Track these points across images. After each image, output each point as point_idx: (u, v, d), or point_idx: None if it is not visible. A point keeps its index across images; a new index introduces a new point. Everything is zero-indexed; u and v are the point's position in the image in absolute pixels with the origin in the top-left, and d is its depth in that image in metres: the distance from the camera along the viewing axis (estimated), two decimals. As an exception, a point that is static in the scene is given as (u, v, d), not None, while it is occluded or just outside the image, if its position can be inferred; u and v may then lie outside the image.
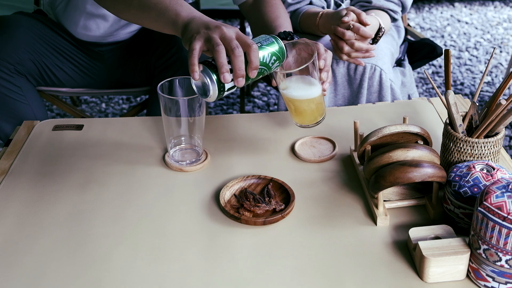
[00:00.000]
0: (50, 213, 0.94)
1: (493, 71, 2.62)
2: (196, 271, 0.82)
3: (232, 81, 0.89)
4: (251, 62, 0.89)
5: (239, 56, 0.87)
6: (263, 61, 0.93)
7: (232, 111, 2.34)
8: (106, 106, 2.40)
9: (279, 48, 0.95)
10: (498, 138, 0.90)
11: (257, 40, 0.94)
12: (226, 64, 0.87)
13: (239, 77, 0.88)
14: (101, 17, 1.42)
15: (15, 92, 1.37)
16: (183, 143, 1.06)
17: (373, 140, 0.94)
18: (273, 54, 0.94)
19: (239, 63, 0.87)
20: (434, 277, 0.78)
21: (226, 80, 0.87)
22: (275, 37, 0.96)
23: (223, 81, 0.87)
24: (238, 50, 0.87)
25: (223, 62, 0.87)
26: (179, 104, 0.98)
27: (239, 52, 0.87)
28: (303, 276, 0.80)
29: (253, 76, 0.90)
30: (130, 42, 1.52)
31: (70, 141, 1.14)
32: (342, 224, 0.90)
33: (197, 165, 1.04)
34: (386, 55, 1.41)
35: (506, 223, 0.70)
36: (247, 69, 0.89)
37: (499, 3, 3.44)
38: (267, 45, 0.94)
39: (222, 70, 0.86)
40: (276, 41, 0.95)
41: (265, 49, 0.93)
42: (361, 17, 1.26)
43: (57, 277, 0.81)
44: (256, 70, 0.90)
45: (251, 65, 0.89)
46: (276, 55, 0.94)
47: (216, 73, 0.88)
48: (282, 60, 0.96)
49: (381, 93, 1.38)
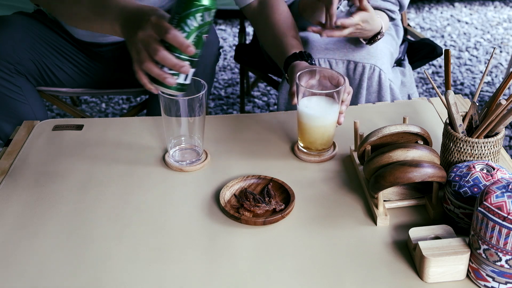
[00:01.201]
0: (50, 213, 0.94)
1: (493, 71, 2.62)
2: (196, 271, 0.82)
3: (181, 75, 0.89)
4: (179, 48, 0.86)
5: (163, 60, 0.86)
6: (193, 28, 0.87)
7: (232, 111, 2.34)
8: (106, 106, 2.40)
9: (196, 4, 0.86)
10: (498, 138, 0.90)
11: (174, 12, 0.88)
12: (160, 73, 0.87)
13: (179, 70, 0.87)
14: None
15: (15, 92, 1.36)
16: (183, 143, 1.06)
17: (373, 140, 0.94)
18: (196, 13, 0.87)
19: (168, 63, 0.86)
20: (434, 277, 0.78)
21: (171, 83, 0.88)
22: None
23: (170, 85, 0.88)
24: (158, 55, 0.86)
25: (156, 74, 0.87)
26: (179, 104, 0.98)
27: (160, 56, 0.86)
28: (303, 276, 0.80)
29: (192, 52, 0.87)
30: None
31: (70, 141, 1.14)
32: (342, 224, 0.90)
33: (197, 165, 1.04)
34: (385, 55, 1.41)
35: (506, 223, 0.70)
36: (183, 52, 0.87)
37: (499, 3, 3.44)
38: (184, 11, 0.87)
39: (161, 79, 0.88)
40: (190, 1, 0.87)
41: (186, 16, 0.87)
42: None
43: (57, 277, 0.81)
44: (189, 47, 0.86)
45: (181, 49, 0.86)
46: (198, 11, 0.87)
47: (161, 83, 0.89)
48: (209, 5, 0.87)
49: (380, 93, 1.38)
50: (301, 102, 1.02)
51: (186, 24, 0.87)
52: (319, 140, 1.04)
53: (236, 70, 2.67)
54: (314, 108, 1.01)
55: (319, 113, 1.01)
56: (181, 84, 0.90)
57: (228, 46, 2.93)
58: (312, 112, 1.01)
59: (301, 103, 1.02)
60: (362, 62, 1.37)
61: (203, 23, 0.88)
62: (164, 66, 0.87)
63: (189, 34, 0.87)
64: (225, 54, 2.83)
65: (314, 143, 1.04)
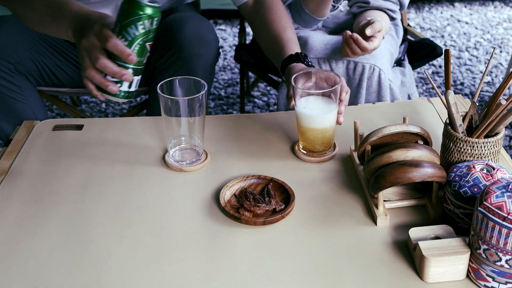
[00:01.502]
0: (50, 213, 0.94)
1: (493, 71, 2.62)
2: (196, 271, 0.82)
3: (125, 82, 0.91)
4: (120, 56, 0.88)
5: (104, 68, 0.89)
6: (135, 36, 0.88)
7: (232, 111, 2.34)
8: (106, 106, 2.40)
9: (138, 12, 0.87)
10: (498, 138, 0.90)
11: (117, 20, 0.89)
12: (102, 81, 0.90)
13: (121, 77, 0.90)
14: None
15: (15, 91, 1.36)
16: (183, 143, 1.06)
17: (373, 140, 0.94)
18: (138, 21, 0.87)
19: (109, 71, 0.89)
20: (434, 277, 0.78)
21: (113, 91, 0.91)
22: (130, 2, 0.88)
23: (114, 93, 0.91)
24: (99, 63, 0.88)
25: (99, 82, 0.90)
26: (179, 104, 0.98)
27: (101, 65, 0.88)
28: (303, 276, 0.80)
29: (134, 60, 0.89)
30: None
31: (70, 141, 1.14)
32: (342, 224, 0.90)
33: (197, 165, 1.04)
34: (385, 55, 1.41)
35: (506, 223, 0.70)
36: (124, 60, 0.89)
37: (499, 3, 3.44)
38: (125, 19, 0.88)
39: (103, 87, 0.91)
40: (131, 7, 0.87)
41: (128, 24, 0.88)
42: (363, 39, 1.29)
43: (57, 277, 0.81)
44: (131, 56, 0.88)
45: (122, 57, 0.88)
46: (141, 19, 0.88)
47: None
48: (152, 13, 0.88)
49: (380, 93, 1.38)
50: (299, 103, 1.02)
51: (127, 33, 0.88)
52: (319, 141, 1.04)
53: (236, 70, 2.67)
54: (312, 108, 1.01)
55: (317, 113, 1.01)
56: (126, 91, 0.92)
57: (228, 46, 2.93)
58: (310, 113, 1.01)
59: (299, 104, 1.02)
60: (362, 62, 1.37)
61: (145, 31, 0.89)
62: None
63: (131, 43, 0.88)
64: (225, 54, 2.83)
65: (314, 143, 1.04)
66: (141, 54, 0.90)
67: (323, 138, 1.04)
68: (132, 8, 0.87)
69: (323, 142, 1.04)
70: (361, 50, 1.29)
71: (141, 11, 0.87)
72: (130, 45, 0.89)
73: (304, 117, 1.02)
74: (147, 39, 0.90)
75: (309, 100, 1.02)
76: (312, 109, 1.01)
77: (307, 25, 1.51)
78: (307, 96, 1.02)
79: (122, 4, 0.88)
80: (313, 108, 1.01)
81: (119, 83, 0.91)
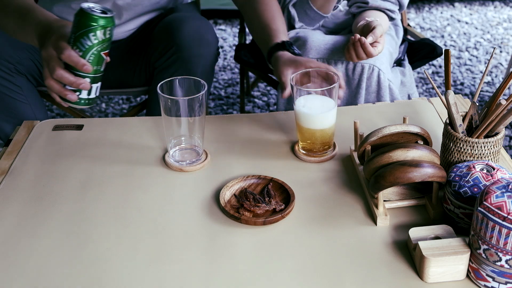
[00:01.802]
0: (50, 213, 0.94)
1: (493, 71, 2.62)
2: (196, 271, 0.82)
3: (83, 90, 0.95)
4: (75, 67, 0.93)
5: (60, 78, 0.93)
6: (89, 47, 0.92)
7: (232, 111, 2.34)
8: (106, 106, 2.40)
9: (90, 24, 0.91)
10: (498, 138, 0.90)
11: (71, 32, 0.93)
12: (60, 90, 0.95)
13: (78, 87, 0.94)
14: None
15: (15, 91, 1.36)
16: (183, 143, 1.06)
17: (373, 140, 0.94)
18: (90, 32, 0.91)
19: (66, 81, 0.94)
20: (434, 277, 0.77)
21: (72, 99, 0.95)
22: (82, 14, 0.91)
23: (73, 101, 0.95)
24: (55, 74, 0.93)
25: (57, 91, 0.95)
26: (179, 104, 0.98)
27: (57, 76, 0.93)
28: (303, 276, 0.80)
29: (89, 70, 0.93)
30: (128, 42, 1.52)
31: (70, 141, 1.14)
32: (342, 224, 0.90)
33: (197, 165, 1.04)
34: (384, 55, 1.41)
35: (506, 223, 0.70)
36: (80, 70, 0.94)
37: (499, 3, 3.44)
38: (78, 30, 0.92)
39: (63, 96, 0.96)
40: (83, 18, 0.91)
41: (81, 35, 0.92)
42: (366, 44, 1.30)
43: (57, 277, 0.81)
44: (86, 66, 0.92)
45: (76, 68, 0.93)
46: (93, 30, 0.91)
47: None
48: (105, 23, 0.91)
49: (380, 93, 1.38)
50: (298, 102, 1.02)
51: (81, 44, 0.92)
52: (318, 140, 1.04)
53: (236, 70, 2.67)
54: (311, 107, 1.01)
55: (316, 112, 1.01)
56: (86, 99, 0.97)
57: (228, 46, 2.93)
58: (309, 111, 1.01)
59: (298, 103, 1.02)
60: (361, 62, 1.37)
61: (97, 41, 0.92)
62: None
63: (85, 53, 0.92)
64: (225, 54, 2.83)
65: (313, 142, 1.04)
66: (97, 63, 0.94)
67: (322, 137, 1.04)
68: (84, 19, 0.91)
69: (322, 141, 1.04)
70: (366, 55, 1.29)
71: (93, 22, 0.91)
72: (85, 55, 0.93)
73: (303, 116, 1.02)
74: (102, 49, 0.94)
75: (308, 98, 1.02)
76: (311, 108, 1.01)
77: (312, 23, 1.51)
78: (306, 95, 1.02)
79: (75, 15, 0.92)
80: (312, 107, 1.01)
81: (78, 91, 0.96)
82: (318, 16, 1.48)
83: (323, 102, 1.02)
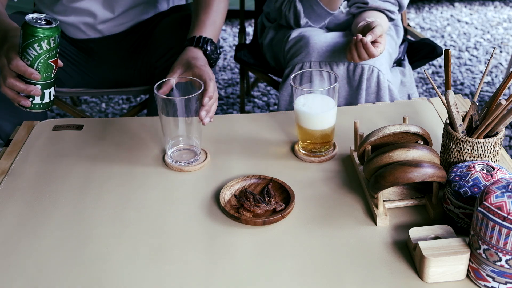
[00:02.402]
0: (50, 213, 0.94)
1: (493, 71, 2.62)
2: (196, 271, 0.82)
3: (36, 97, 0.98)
4: (23, 75, 0.96)
5: (12, 86, 0.97)
6: (35, 56, 0.96)
7: (232, 111, 2.34)
8: (106, 106, 2.40)
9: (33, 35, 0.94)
10: (498, 138, 0.90)
11: (18, 43, 0.97)
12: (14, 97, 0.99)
13: (30, 93, 0.97)
14: (78, 11, 1.43)
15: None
16: (181, 143, 1.05)
17: (373, 140, 0.94)
18: (35, 42, 0.95)
19: (17, 89, 0.97)
20: (434, 277, 0.77)
21: (26, 105, 0.99)
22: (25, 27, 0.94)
23: (27, 106, 0.99)
24: (7, 81, 0.97)
25: (11, 98, 0.99)
26: (176, 104, 0.98)
27: (9, 83, 0.97)
28: (303, 276, 0.80)
29: (38, 77, 0.97)
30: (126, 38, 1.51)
31: (70, 141, 1.14)
32: (342, 224, 0.90)
33: (197, 165, 1.04)
34: (383, 56, 1.41)
35: (506, 223, 0.70)
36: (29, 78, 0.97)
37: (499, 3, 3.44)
38: (24, 41, 0.95)
39: (16, 102, 0.99)
40: (28, 30, 0.94)
41: (27, 46, 0.95)
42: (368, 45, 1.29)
43: (57, 277, 0.81)
44: (34, 74, 0.96)
45: (25, 76, 0.96)
46: (38, 40, 0.95)
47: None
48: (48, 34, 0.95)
49: (379, 94, 1.38)
50: (298, 101, 1.02)
51: (27, 54, 0.96)
52: (318, 139, 1.04)
53: (236, 70, 2.67)
54: (311, 107, 1.01)
55: (316, 112, 1.01)
56: (40, 104, 1.00)
57: (228, 46, 2.93)
58: (309, 111, 1.01)
59: (298, 102, 1.02)
60: (361, 63, 1.37)
61: (43, 51, 0.96)
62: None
63: (33, 62, 0.96)
64: (225, 54, 2.83)
65: (313, 142, 1.04)
66: (45, 70, 0.98)
67: (322, 137, 1.04)
68: (28, 31, 0.95)
69: (322, 141, 1.04)
70: (368, 55, 1.29)
71: (37, 33, 0.95)
72: (33, 64, 0.96)
73: (303, 115, 1.02)
74: (48, 57, 0.97)
75: (308, 98, 1.02)
76: (311, 107, 1.01)
77: (317, 20, 1.50)
78: (306, 94, 1.02)
79: (21, 27, 0.96)
80: (312, 106, 1.01)
81: (31, 97, 0.99)
82: (325, 13, 1.46)
83: (323, 102, 1.02)
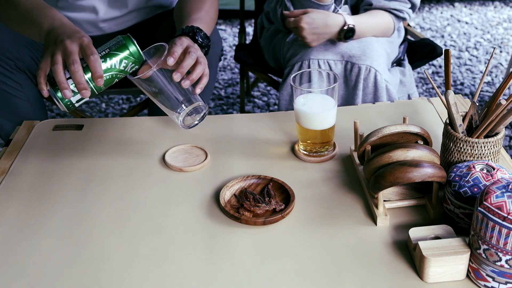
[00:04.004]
0: (50, 213, 0.94)
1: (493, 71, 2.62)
2: (196, 271, 0.82)
3: (78, 95, 0.95)
4: (93, 73, 0.94)
5: (76, 72, 0.93)
6: (113, 68, 0.95)
7: (232, 111, 2.34)
8: (106, 106, 2.40)
9: (130, 52, 0.96)
10: (498, 138, 0.90)
11: (107, 46, 0.96)
12: (64, 81, 0.93)
13: (81, 90, 0.94)
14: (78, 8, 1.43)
15: (15, 88, 1.36)
16: (184, 109, 1.03)
17: (373, 140, 0.94)
18: (125, 59, 0.96)
19: (77, 78, 0.93)
20: (434, 277, 0.78)
21: (66, 96, 0.94)
22: (128, 40, 0.96)
23: (64, 97, 0.94)
24: (74, 66, 0.93)
25: (60, 80, 0.93)
26: (153, 78, 0.98)
27: (75, 68, 0.93)
28: (303, 276, 0.80)
29: (100, 84, 0.95)
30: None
31: (70, 141, 1.14)
32: (342, 224, 0.90)
33: (197, 165, 1.04)
34: (381, 55, 1.41)
35: (506, 223, 0.70)
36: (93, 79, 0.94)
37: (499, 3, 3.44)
38: (116, 50, 0.96)
39: (60, 87, 0.93)
40: (128, 44, 0.96)
41: (115, 54, 0.95)
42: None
43: (57, 277, 0.81)
44: (101, 79, 0.94)
45: (93, 75, 0.94)
46: (128, 59, 0.96)
47: (58, 90, 0.94)
48: (138, 61, 0.97)
49: (377, 94, 1.38)
50: (297, 101, 1.02)
51: (110, 60, 0.95)
52: (318, 139, 1.04)
53: (236, 70, 2.67)
54: (311, 106, 1.01)
55: (316, 111, 1.01)
56: (72, 103, 0.97)
57: (228, 46, 2.93)
58: (309, 110, 1.01)
59: (297, 101, 1.02)
60: (358, 63, 1.37)
61: (122, 69, 0.96)
62: (69, 79, 0.94)
63: (107, 70, 0.95)
64: (225, 54, 2.83)
65: (313, 141, 1.04)
66: (107, 83, 0.97)
67: (322, 137, 1.04)
68: (127, 45, 0.95)
69: (322, 141, 1.04)
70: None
71: (133, 55, 0.96)
72: (105, 72, 0.95)
73: (303, 115, 1.02)
74: (118, 76, 0.97)
75: (308, 98, 1.02)
76: (311, 107, 1.01)
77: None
78: (306, 94, 1.02)
79: (122, 36, 0.96)
80: (312, 106, 1.01)
81: (73, 93, 0.96)
82: (316, 6, 1.43)
83: (323, 101, 1.02)
